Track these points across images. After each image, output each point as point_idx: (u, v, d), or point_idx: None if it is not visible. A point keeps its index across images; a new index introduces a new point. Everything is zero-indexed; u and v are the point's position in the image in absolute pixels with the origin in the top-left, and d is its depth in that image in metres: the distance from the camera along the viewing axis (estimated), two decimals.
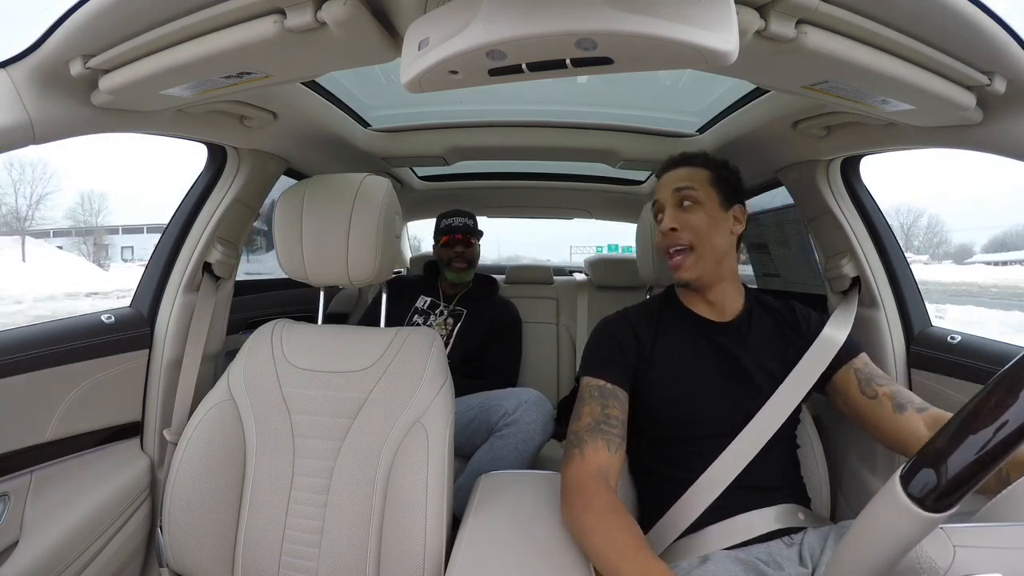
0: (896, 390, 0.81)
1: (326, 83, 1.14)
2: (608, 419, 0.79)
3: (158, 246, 1.15)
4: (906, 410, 0.77)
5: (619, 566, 0.61)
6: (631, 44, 0.45)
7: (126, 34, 0.62)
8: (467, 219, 1.71)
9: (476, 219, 1.75)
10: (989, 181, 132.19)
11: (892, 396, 0.80)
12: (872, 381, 0.83)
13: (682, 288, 0.92)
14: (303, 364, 0.93)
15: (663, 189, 0.91)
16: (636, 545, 0.63)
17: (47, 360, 0.91)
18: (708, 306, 0.90)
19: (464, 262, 1.67)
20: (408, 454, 0.82)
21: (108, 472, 0.99)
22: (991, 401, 0.38)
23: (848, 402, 0.85)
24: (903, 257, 1.11)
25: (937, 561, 0.40)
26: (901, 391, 0.81)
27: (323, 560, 0.82)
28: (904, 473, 0.40)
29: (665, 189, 0.90)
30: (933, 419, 0.75)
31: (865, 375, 0.84)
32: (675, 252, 0.87)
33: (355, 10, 0.55)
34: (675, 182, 0.89)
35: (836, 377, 0.85)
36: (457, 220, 1.69)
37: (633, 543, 0.63)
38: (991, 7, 0.55)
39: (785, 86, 0.70)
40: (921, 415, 0.77)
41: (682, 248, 0.86)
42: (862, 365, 0.85)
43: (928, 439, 0.73)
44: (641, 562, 0.60)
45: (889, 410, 0.79)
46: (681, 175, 0.89)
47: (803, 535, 0.77)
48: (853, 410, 0.84)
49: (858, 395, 0.83)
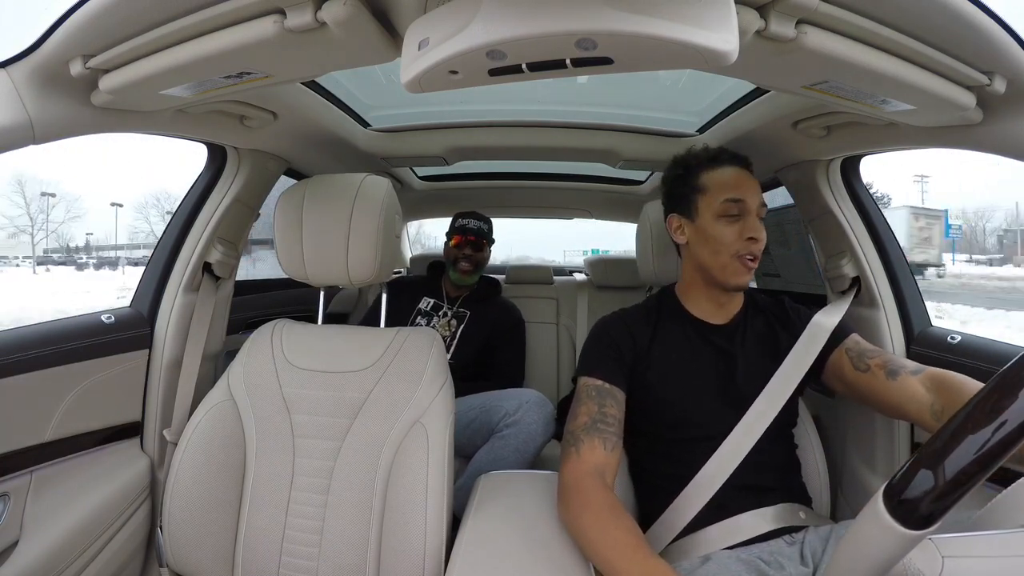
0: (888, 359, 0.80)
1: (326, 83, 1.14)
2: (605, 418, 0.79)
3: (158, 246, 1.15)
4: (899, 375, 0.77)
5: (618, 565, 0.60)
6: (631, 44, 0.45)
7: (126, 34, 0.62)
8: (483, 223, 1.72)
9: (492, 225, 1.75)
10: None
11: (884, 365, 0.79)
12: (864, 356, 0.83)
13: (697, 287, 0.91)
14: (303, 364, 0.93)
15: (750, 192, 0.85)
16: (635, 543, 0.62)
17: (47, 360, 0.91)
18: (714, 308, 0.90)
19: (471, 264, 1.66)
20: (408, 454, 0.82)
21: (108, 472, 0.99)
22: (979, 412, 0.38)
23: (844, 381, 0.84)
24: (903, 257, 1.11)
25: (925, 572, 0.40)
26: (892, 359, 0.80)
27: (323, 560, 0.82)
28: (887, 490, 0.40)
29: (752, 195, 0.85)
30: (930, 378, 0.74)
31: (856, 352, 0.84)
32: (752, 260, 0.84)
33: (355, 10, 0.55)
34: (759, 193, 0.86)
35: (830, 361, 0.85)
36: (472, 222, 1.70)
37: (632, 541, 0.63)
38: (991, 7, 0.55)
39: (785, 86, 0.70)
40: (917, 376, 0.76)
41: (755, 258, 0.84)
42: (853, 344, 0.86)
43: (927, 400, 0.73)
44: (641, 560, 0.60)
45: (883, 379, 0.78)
46: (757, 186, 0.87)
47: (804, 534, 0.77)
48: (850, 388, 0.84)
49: (852, 372, 0.83)
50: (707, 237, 0.85)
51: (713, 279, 0.87)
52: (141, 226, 45.84)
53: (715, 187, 0.86)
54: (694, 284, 0.91)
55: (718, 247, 0.84)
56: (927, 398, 0.73)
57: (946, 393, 0.71)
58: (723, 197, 0.85)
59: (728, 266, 0.84)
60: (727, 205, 0.84)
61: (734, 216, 0.84)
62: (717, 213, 0.85)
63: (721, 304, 0.90)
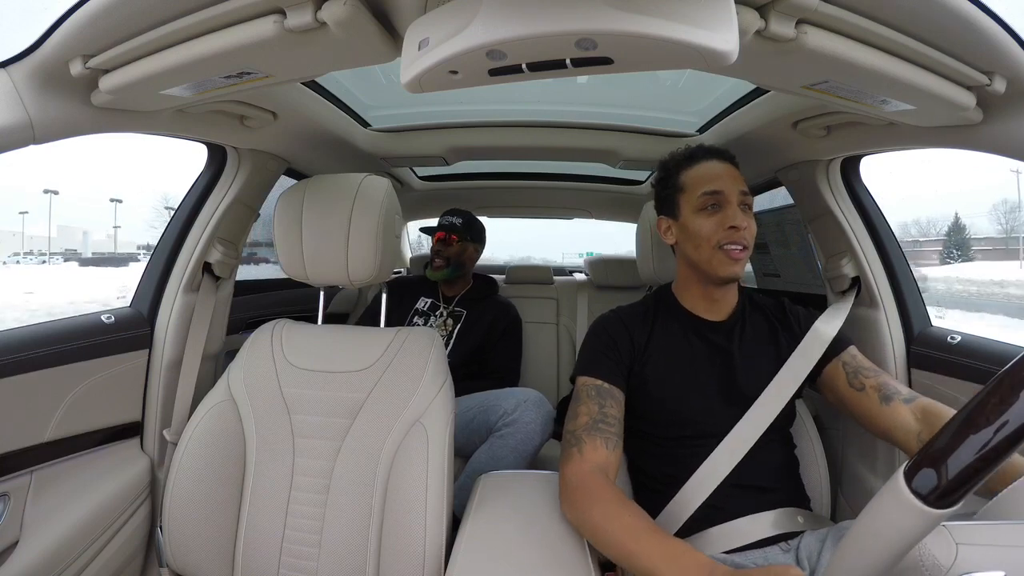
0: (883, 382, 0.81)
1: (326, 83, 1.14)
2: (606, 417, 0.79)
3: (158, 246, 1.15)
4: (892, 401, 0.78)
5: (636, 549, 0.61)
6: (631, 44, 0.45)
7: (126, 34, 0.62)
8: (456, 218, 1.70)
9: (472, 221, 1.73)
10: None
11: (879, 388, 0.80)
12: (859, 373, 0.83)
13: (691, 284, 0.91)
14: (303, 364, 0.93)
15: (726, 181, 0.85)
16: (649, 527, 0.63)
17: (47, 360, 0.91)
18: (709, 304, 0.90)
19: (441, 260, 1.65)
20: (408, 454, 0.82)
21: (108, 472, 0.99)
22: (993, 399, 0.38)
23: (837, 395, 0.85)
24: (903, 257, 1.11)
25: (940, 558, 0.40)
26: (888, 383, 0.81)
27: (323, 560, 0.82)
28: (907, 469, 0.40)
29: (730, 185, 0.85)
30: (921, 409, 0.76)
31: (853, 368, 0.84)
32: (739, 250, 0.84)
33: (355, 10, 0.55)
34: (739, 183, 0.85)
35: (825, 371, 0.86)
36: (446, 219, 1.69)
37: (646, 526, 0.63)
38: (991, 7, 0.55)
39: (785, 86, 0.70)
40: (908, 405, 0.77)
41: (742, 247, 0.84)
42: (850, 358, 0.86)
43: (915, 429, 0.74)
44: (659, 542, 0.60)
45: (876, 402, 0.79)
46: (738, 175, 0.87)
47: (800, 539, 0.77)
48: (841, 402, 0.85)
49: (846, 388, 0.83)
50: (689, 233, 0.86)
51: (703, 274, 0.87)
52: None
53: (692, 183, 0.87)
54: (688, 281, 0.92)
55: (699, 241, 0.85)
56: (915, 427, 0.75)
57: (933, 424, 0.73)
58: (700, 191, 0.86)
59: (712, 258, 0.84)
60: (704, 198, 0.85)
61: (713, 208, 0.85)
62: (696, 208, 0.86)
63: (715, 300, 0.90)
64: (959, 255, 35.25)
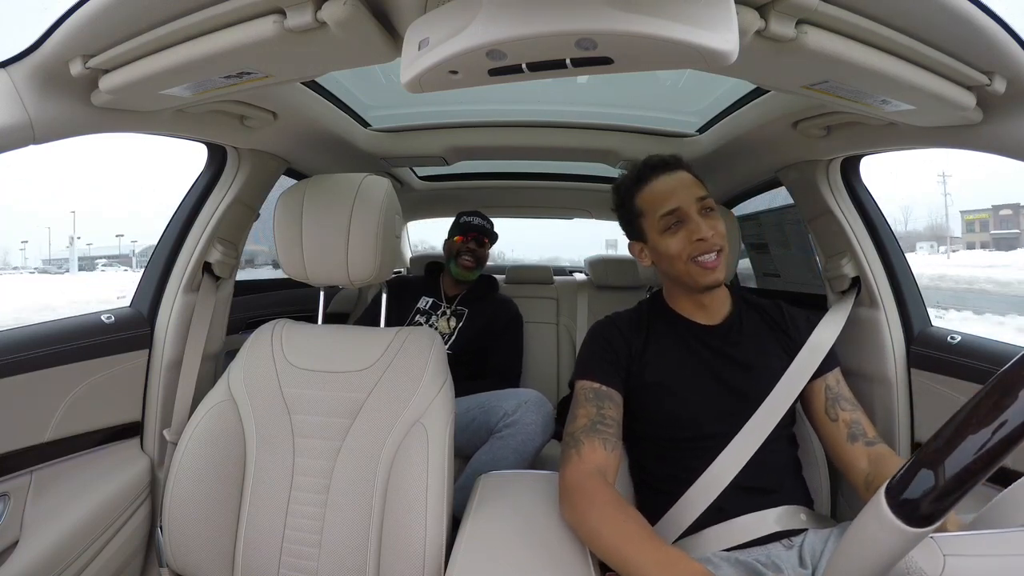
0: (855, 419, 0.83)
1: (326, 83, 1.14)
2: (604, 419, 0.79)
3: (158, 246, 1.15)
4: (857, 441, 0.81)
5: (633, 557, 0.61)
6: (631, 44, 0.45)
7: (126, 34, 0.62)
8: (486, 221, 1.78)
9: (493, 225, 1.81)
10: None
11: (849, 424, 0.82)
12: (837, 403, 0.85)
13: (679, 293, 0.91)
14: (303, 364, 0.93)
15: (680, 196, 0.84)
16: (647, 534, 0.63)
17: (47, 360, 0.91)
18: (701, 310, 0.90)
19: (473, 260, 1.70)
20: (408, 454, 0.82)
21: (108, 472, 0.99)
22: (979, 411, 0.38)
23: (810, 413, 0.88)
24: (903, 257, 1.11)
25: (927, 570, 0.41)
26: (859, 421, 0.83)
27: (323, 560, 0.82)
28: (889, 487, 0.41)
29: (686, 197, 0.84)
30: (876, 455, 0.78)
31: (833, 395, 0.86)
32: (712, 258, 0.84)
33: (355, 10, 0.55)
34: (694, 191, 0.85)
35: (809, 387, 0.86)
36: (476, 220, 1.75)
37: (643, 532, 0.64)
38: (991, 7, 0.55)
39: (785, 86, 0.70)
40: (868, 448, 0.79)
41: (716, 252, 0.84)
42: (834, 383, 0.87)
43: (865, 471, 0.77)
44: (655, 549, 0.61)
45: (843, 438, 0.82)
46: (690, 181, 0.87)
47: (803, 537, 0.77)
48: (812, 422, 0.88)
49: (821, 413, 0.85)
50: (660, 254, 0.87)
51: (684, 285, 0.88)
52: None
53: (648, 207, 0.88)
54: (675, 291, 0.93)
55: (671, 259, 0.86)
56: (866, 469, 0.78)
57: (881, 469, 0.76)
58: (658, 214, 0.86)
59: (687, 272, 0.85)
60: (665, 219, 0.85)
61: (677, 225, 0.85)
62: (659, 230, 0.86)
63: (704, 305, 0.90)
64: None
